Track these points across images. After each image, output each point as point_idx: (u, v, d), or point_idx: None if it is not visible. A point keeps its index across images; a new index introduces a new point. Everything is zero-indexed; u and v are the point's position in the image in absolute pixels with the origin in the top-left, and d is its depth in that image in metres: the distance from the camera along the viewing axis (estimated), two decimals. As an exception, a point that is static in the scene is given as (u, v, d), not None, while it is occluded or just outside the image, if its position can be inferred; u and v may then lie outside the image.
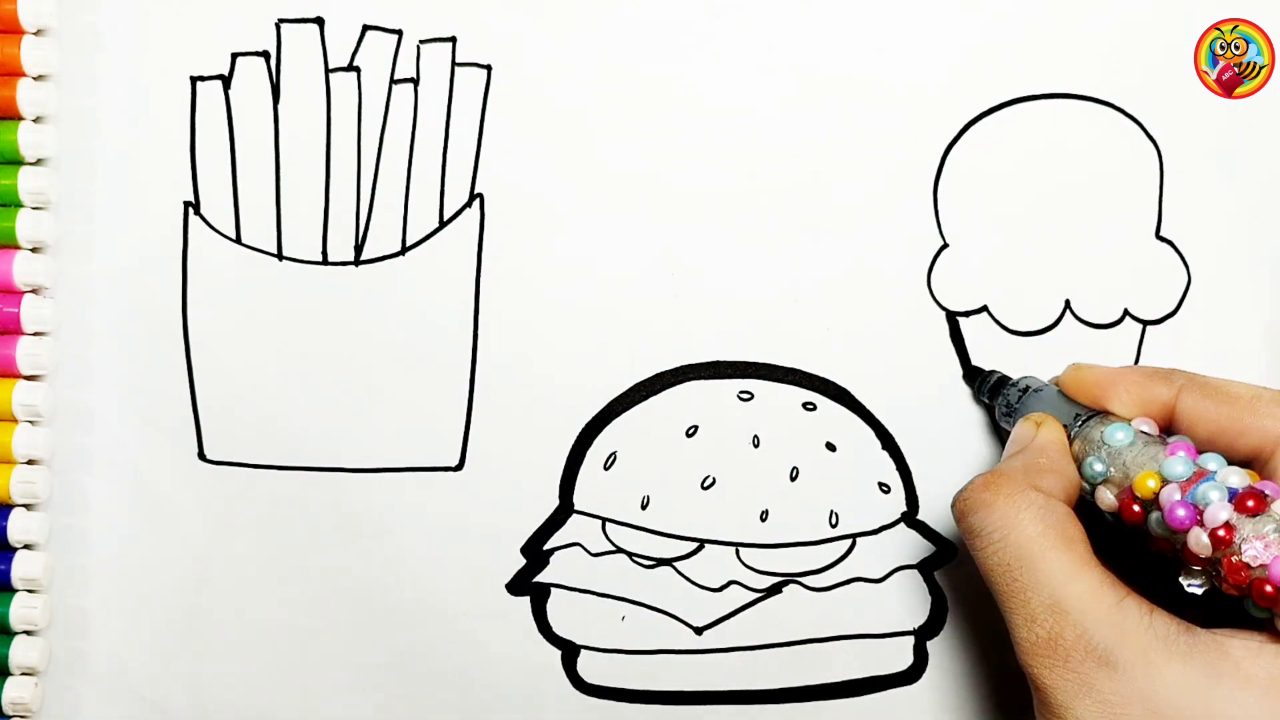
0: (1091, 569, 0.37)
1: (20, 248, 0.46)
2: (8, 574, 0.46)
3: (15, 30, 0.45)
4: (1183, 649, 0.35)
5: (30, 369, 0.46)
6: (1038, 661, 0.36)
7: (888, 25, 0.46)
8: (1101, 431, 0.39)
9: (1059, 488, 0.39)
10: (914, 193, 0.46)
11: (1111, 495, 0.38)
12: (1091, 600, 0.36)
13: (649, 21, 0.46)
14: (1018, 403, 0.43)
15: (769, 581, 0.46)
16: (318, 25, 0.46)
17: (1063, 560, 0.37)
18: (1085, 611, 0.36)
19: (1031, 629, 0.37)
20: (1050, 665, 0.36)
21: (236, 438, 0.47)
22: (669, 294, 0.46)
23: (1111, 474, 0.38)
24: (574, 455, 0.46)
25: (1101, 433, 0.39)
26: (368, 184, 0.46)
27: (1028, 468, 0.39)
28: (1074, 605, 0.36)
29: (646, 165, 0.46)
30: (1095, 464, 0.39)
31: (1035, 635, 0.36)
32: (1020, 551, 0.37)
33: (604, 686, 0.47)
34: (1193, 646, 0.35)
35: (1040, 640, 0.36)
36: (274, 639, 0.47)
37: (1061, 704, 0.36)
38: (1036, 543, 0.37)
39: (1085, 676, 0.36)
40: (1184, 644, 0.35)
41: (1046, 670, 0.36)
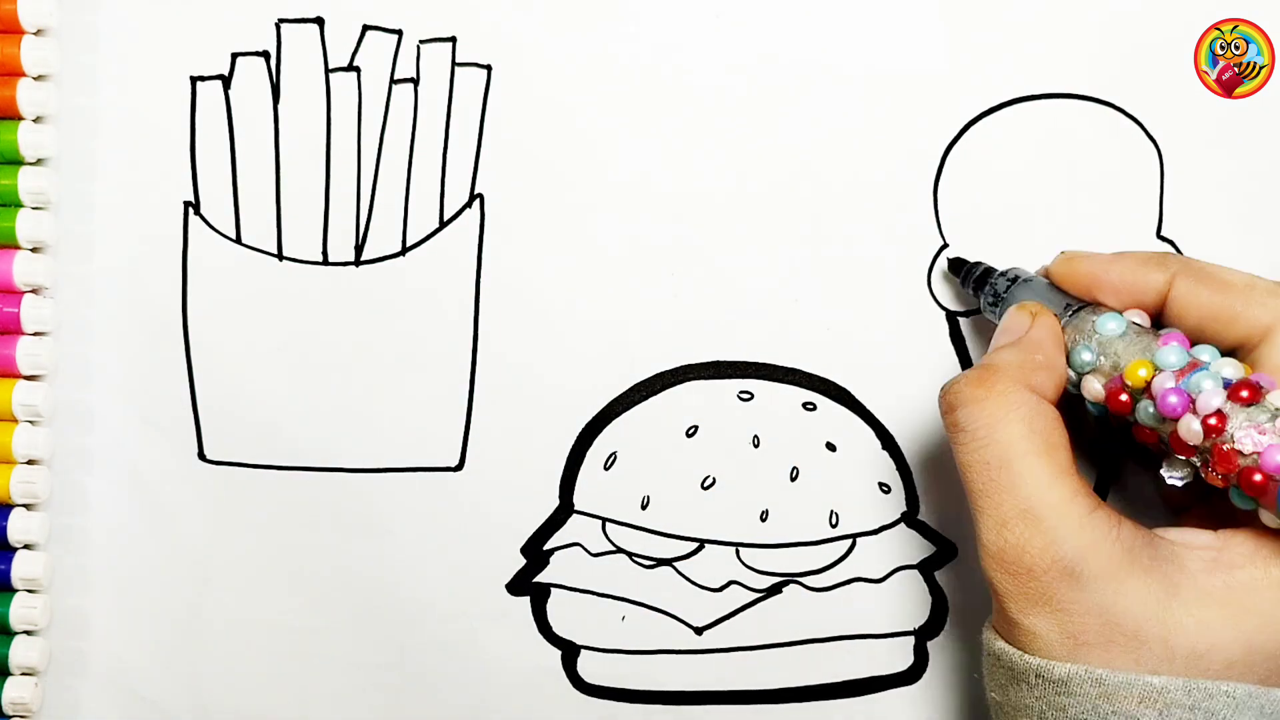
0: (1069, 477, 0.36)
1: (20, 248, 0.46)
2: (8, 574, 0.46)
3: (15, 30, 0.45)
4: (1145, 562, 0.35)
5: (30, 369, 0.46)
6: (1001, 567, 0.36)
7: (888, 25, 0.46)
8: (1093, 321, 0.39)
9: (1051, 385, 0.38)
10: (914, 193, 0.46)
11: (1099, 384, 0.38)
12: (1065, 510, 0.36)
13: (649, 21, 0.46)
14: (1005, 292, 0.42)
15: (769, 581, 0.46)
16: (318, 25, 0.46)
17: (1043, 467, 0.36)
18: (1057, 521, 0.36)
19: (1001, 533, 0.36)
20: (1014, 572, 0.36)
21: (236, 438, 0.47)
22: (669, 294, 0.46)
23: (1101, 363, 0.38)
24: (574, 455, 0.46)
25: (1093, 322, 0.39)
26: (368, 184, 0.46)
27: (1023, 364, 0.38)
28: (1047, 513, 0.36)
29: (646, 165, 0.46)
30: (1084, 353, 0.38)
31: (1004, 540, 0.36)
32: (1003, 452, 0.36)
33: (604, 686, 0.47)
34: (1154, 559, 0.36)
35: (1008, 545, 0.36)
36: (274, 639, 0.47)
37: (1020, 611, 0.36)
38: (1020, 445, 0.36)
39: (1047, 586, 0.35)
40: (1147, 557, 0.35)
41: (1008, 577, 0.36)
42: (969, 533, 0.46)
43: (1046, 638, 0.36)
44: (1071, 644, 0.35)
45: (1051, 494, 0.36)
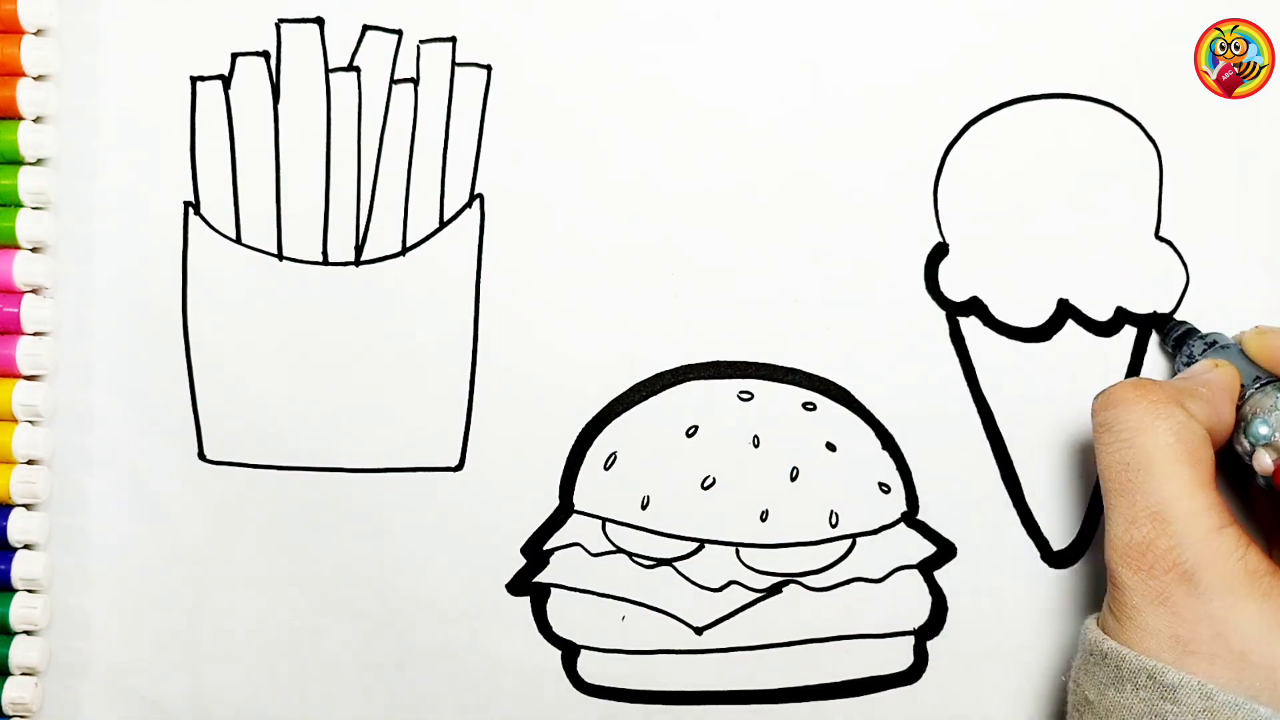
0: (1205, 491, 0.37)
1: (20, 248, 0.46)
2: (8, 574, 0.46)
3: (15, 30, 0.45)
4: (1265, 587, 0.36)
5: (30, 369, 0.46)
6: (1125, 562, 0.37)
7: (888, 26, 0.46)
8: (1277, 398, 0.39)
9: (1204, 416, 0.39)
10: (914, 193, 0.46)
11: (1270, 460, 0.39)
12: (1195, 519, 0.37)
13: (649, 21, 0.46)
14: (1200, 355, 0.43)
15: (769, 581, 0.46)
16: (318, 25, 0.46)
17: (1181, 475, 0.37)
18: (1186, 528, 0.37)
19: (1129, 530, 0.37)
20: (1136, 568, 0.37)
21: (236, 438, 0.47)
22: (669, 294, 0.46)
23: (1276, 439, 0.39)
24: (574, 455, 0.46)
25: (1277, 399, 0.39)
26: (368, 184, 0.46)
27: (1183, 389, 0.39)
28: (1177, 518, 0.37)
29: (646, 165, 0.46)
30: (1261, 426, 0.39)
31: (1131, 536, 0.37)
32: (1145, 455, 0.37)
33: (604, 686, 0.47)
34: (1275, 587, 0.36)
35: (1134, 542, 0.37)
36: (274, 639, 0.47)
37: (1136, 606, 0.37)
38: (1163, 451, 0.37)
39: (1166, 587, 0.37)
40: (1268, 583, 0.36)
41: (1131, 572, 0.37)
42: (969, 532, 0.46)
43: (1158, 637, 0.37)
44: (1179, 650, 0.36)
45: (1185, 502, 0.37)
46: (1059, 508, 0.46)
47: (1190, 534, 0.36)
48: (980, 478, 0.46)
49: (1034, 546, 0.46)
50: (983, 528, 0.46)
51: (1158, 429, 0.38)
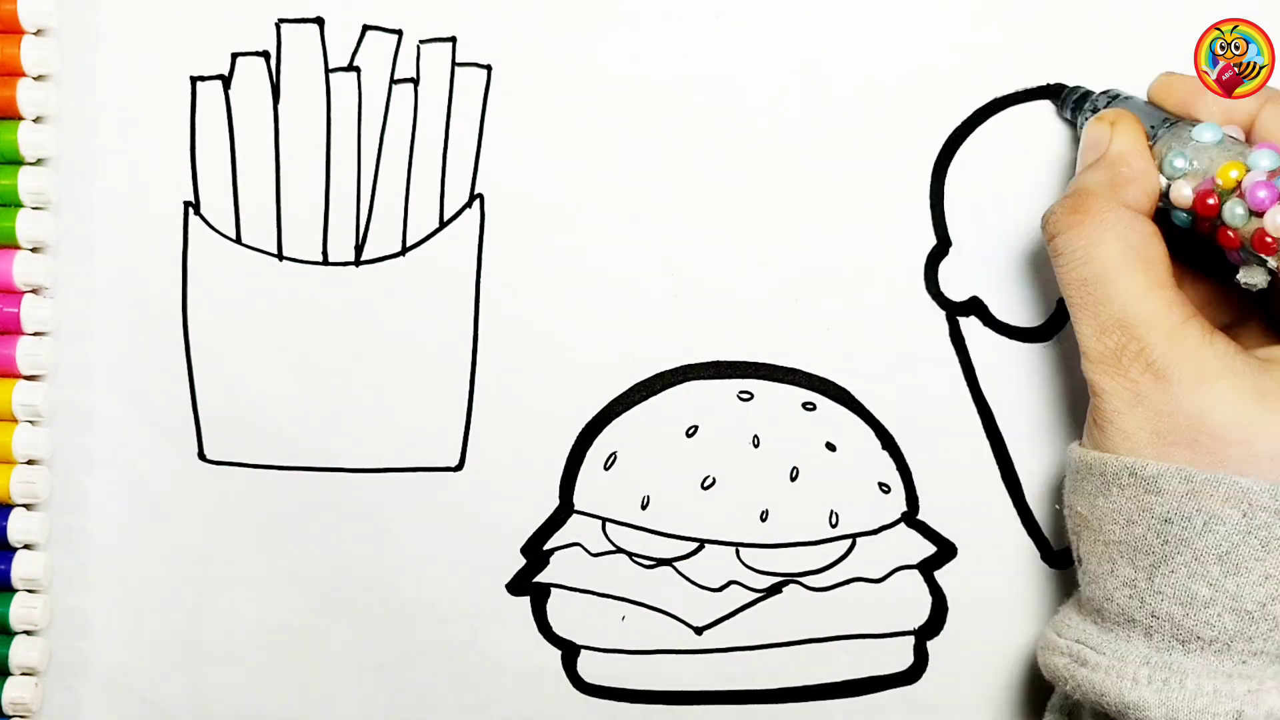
0: (1164, 289, 0.38)
1: (20, 248, 0.46)
2: (8, 574, 0.46)
3: (15, 30, 0.45)
4: (1236, 367, 0.37)
5: (30, 369, 0.46)
6: (1101, 369, 0.39)
7: (888, 26, 0.46)
8: (1190, 130, 0.40)
9: (1142, 196, 0.40)
10: (914, 193, 0.46)
11: (1189, 188, 0.39)
12: (1159, 318, 0.38)
13: (649, 22, 0.46)
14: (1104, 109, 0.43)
15: (769, 581, 0.46)
16: (318, 25, 0.46)
17: (1138, 279, 0.38)
18: (1150, 327, 0.38)
19: (1100, 339, 0.39)
20: (1111, 374, 0.38)
21: (236, 438, 0.47)
22: (669, 294, 0.46)
23: (1194, 168, 0.39)
24: (574, 455, 0.46)
25: (1190, 131, 0.40)
26: (368, 184, 0.46)
27: (1113, 181, 0.40)
28: (1139, 321, 0.38)
29: (646, 165, 0.46)
30: (1177, 159, 0.40)
31: (1102, 345, 0.39)
32: (1100, 268, 0.39)
33: (604, 686, 0.47)
34: (1245, 366, 0.37)
35: (1106, 350, 0.39)
36: (274, 639, 0.47)
37: (1115, 409, 0.38)
38: (1116, 260, 0.38)
39: (1141, 387, 0.38)
40: (1238, 364, 0.37)
41: (1108, 378, 0.38)
42: (969, 532, 0.46)
43: (1137, 437, 0.38)
44: (1160, 443, 0.38)
45: (1146, 303, 0.38)
46: (1059, 508, 0.46)
47: (1155, 332, 0.38)
48: (980, 478, 0.46)
49: (1034, 546, 0.46)
50: (983, 528, 0.46)
51: (1105, 241, 0.39)
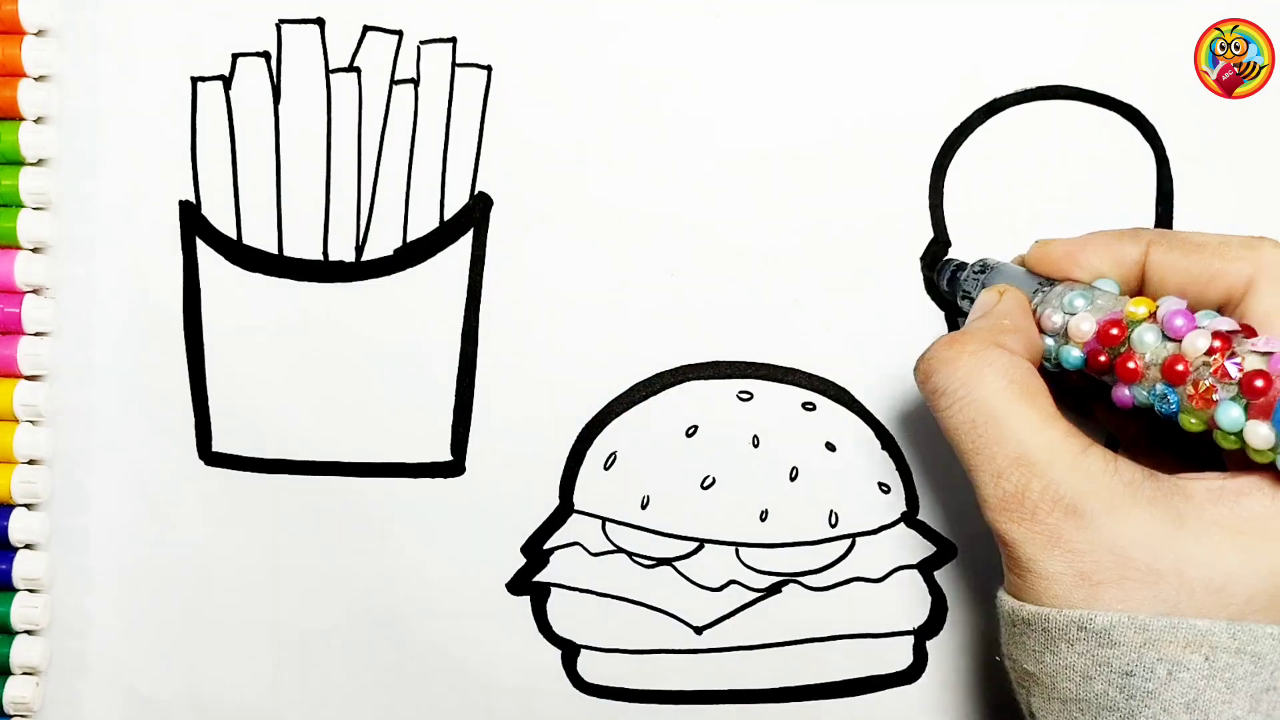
0: (1056, 420, 0.36)
1: (21, 248, 0.46)
2: (9, 574, 0.46)
3: (16, 31, 0.46)
4: (1148, 493, 0.35)
5: (31, 369, 0.46)
6: (1005, 516, 0.36)
7: (888, 27, 0.46)
8: (1065, 297, 0.39)
9: (1022, 346, 0.38)
10: (914, 193, 0.46)
11: (1091, 321, 0.38)
12: (1057, 450, 0.36)
13: (649, 22, 0.46)
14: (974, 286, 0.43)
15: (769, 581, 0.46)
16: (318, 26, 0.46)
17: (1028, 413, 0.36)
18: (1052, 462, 0.35)
19: (998, 484, 0.36)
20: (1018, 519, 0.36)
21: (237, 438, 0.47)
22: (669, 294, 0.46)
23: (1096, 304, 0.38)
24: (574, 455, 0.46)
25: (1065, 298, 0.39)
26: (368, 184, 0.46)
27: (992, 328, 0.39)
28: (1040, 456, 0.36)
29: (646, 165, 0.46)
30: (1077, 299, 0.39)
31: (1002, 490, 0.36)
32: (985, 406, 0.36)
33: (604, 686, 0.47)
34: (1157, 490, 0.35)
35: (1007, 494, 0.36)
36: (274, 639, 0.47)
37: (1030, 557, 0.36)
38: (1001, 396, 0.36)
39: (1053, 528, 0.35)
40: (1149, 489, 0.35)
41: (1014, 525, 0.36)
42: (969, 532, 0.46)
43: (1061, 580, 0.35)
44: (1086, 585, 0.35)
45: (1041, 437, 0.36)
46: (1059, 508, 0.46)
47: (1058, 465, 0.35)
48: (980, 478, 0.46)
49: (1034, 546, 0.46)
50: (983, 528, 0.46)
51: (986, 378, 0.37)
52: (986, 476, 0.36)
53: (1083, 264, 0.40)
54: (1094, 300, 0.39)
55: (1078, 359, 0.39)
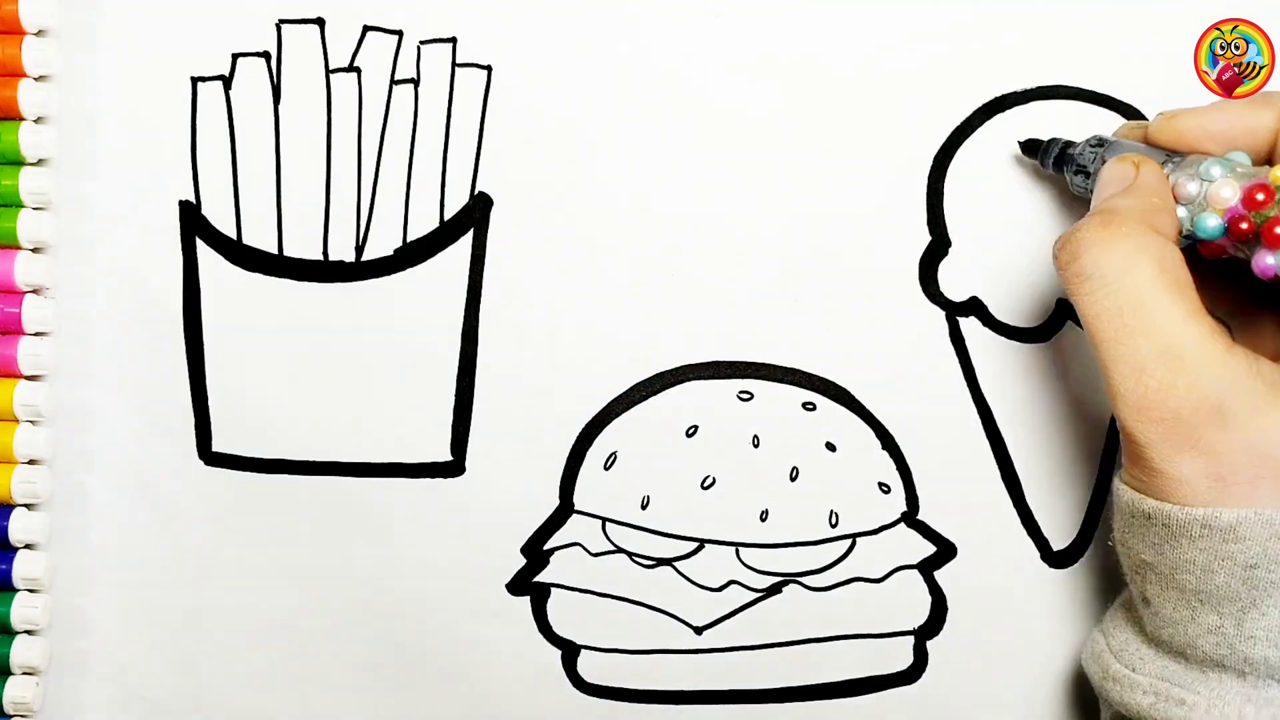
0: (1203, 315, 0.35)
1: (21, 248, 0.46)
2: (9, 574, 0.46)
3: (16, 31, 0.45)
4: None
5: (31, 369, 0.46)
6: (1143, 415, 0.35)
7: (888, 27, 0.46)
8: (1200, 165, 0.38)
9: (1171, 228, 0.37)
10: (914, 193, 0.46)
11: (1233, 188, 0.37)
12: (1205, 348, 0.35)
13: (649, 22, 0.46)
14: (1094, 162, 0.41)
15: (769, 581, 0.46)
16: (318, 26, 0.46)
17: (1179, 306, 0.35)
18: (1199, 359, 0.34)
19: (1140, 379, 0.35)
20: (1158, 418, 0.35)
21: (237, 438, 0.47)
22: (669, 294, 0.46)
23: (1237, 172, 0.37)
24: (574, 455, 0.46)
25: (1200, 166, 0.38)
26: (368, 184, 0.46)
27: (1144, 207, 0.37)
28: (1188, 352, 0.34)
29: (646, 165, 0.46)
30: (1213, 167, 0.37)
31: (1144, 386, 0.35)
32: (1136, 295, 0.35)
33: (604, 686, 0.47)
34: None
35: (1150, 391, 0.35)
36: (274, 639, 0.47)
37: (1164, 458, 0.35)
38: (1154, 287, 0.35)
39: (1194, 429, 0.34)
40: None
41: (1152, 425, 0.35)
42: (969, 532, 0.46)
43: (1193, 483, 0.35)
44: (1220, 486, 0.35)
45: (1190, 332, 0.35)
46: (1059, 508, 0.46)
47: (1205, 364, 0.34)
48: (980, 478, 0.46)
49: (1034, 546, 0.46)
50: (983, 528, 0.46)
51: (1141, 264, 0.35)
52: (1127, 370, 0.35)
53: (1213, 134, 0.38)
54: (1233, 168, 0.37)
55: (1218, 227, 0.37)
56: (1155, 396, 0.35)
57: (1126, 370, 0.35)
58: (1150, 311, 0.35)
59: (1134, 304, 0.35)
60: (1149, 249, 0.35)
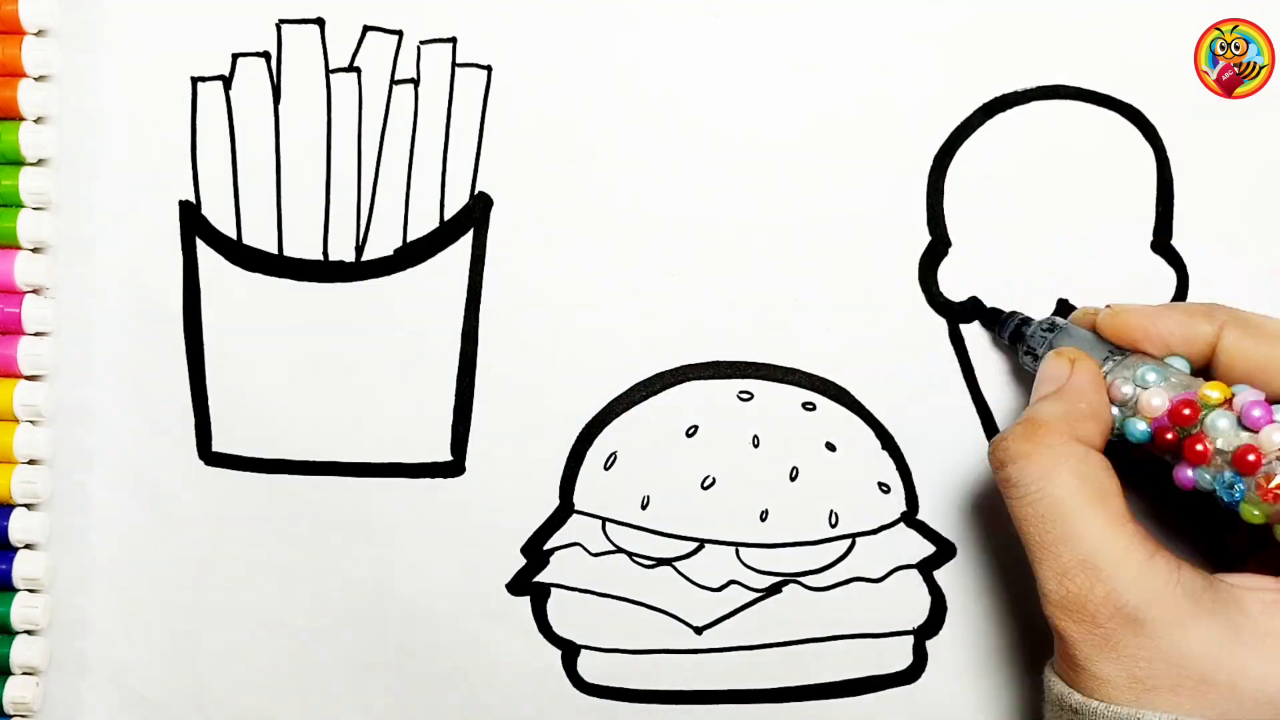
0: (1124, 525, 0.37)
1: (21, 248, 0.46)
2: (9, 574, 0.46)
3: (16, 31, 0.46)
4: (1208, 605, 0.36)
5: (31, 369, 0.46)
6: (1065, 615, 0.37)
7: (888, 27, 0.46)
8: (1138, 369, 0.39)
9: (1097, 433, 0.38)
10: (914, 193, 0.46)
11: (1162, 398, 0.38)
12: (1123, 558, 0.36)
13: (649, 22, 0.46)
14: (1040, 344, 0.43)
15: (769, 581, 0.46)
16: (318, 26, 0.46)
17: (1097, 517, 0.36)
18: (1116, 569, 0.36)
19: (1061, 583, 0.37)
20: (1078, 619, 0.36)
21: (237, 438, 0.47)
22: (669, 294, 0.46)
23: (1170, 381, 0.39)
24: (574, 455, 0.46)
25: (1138, 370, 0.39)
26: (368, 184, 0.46)
27: (1068, 415, 0.38)
28: (1105, 562, 0.36)
29: (646, 165, 0.46)
30: (1149, 373, 0.39)
31: (1065, 589, 0.37)
32: (1057, 506, 0.37)
33: (604, 686, 0.47)
34: (1215, 601, 0.36)
35: (1069, 594, 0.36)
36: (274, 639, 0.47)
37: (1086, 656, 0.36)
38: (1073, 498, 0.37)
39: (1111, 634, 0.36)
40: (1209, 600, 0.36)
41: (1073, 624, 0.36)
42: (969, 532, 0.46)
43: (1114, 683, 0.36)
44: (1139, 689, 0.36)
45: (1109, 543, 0.36)
46: (1059, 508, 0.46)
47: (1123, 575, 0.36)
48: (980, 477, 0.46)
49: (1034, 546, 0.46)
50: (982, 527, 0.46)
51: (1062, 475, 0.37)
52: (1050, 573, 0.37)
53: (1154, 338, 0.40)
54: (1167, 377, 0.39)
55: (1144, 433, 0.39)
56: (1075, 600, 0.36)
57: (1049, 573, 0.37)
58: (1070, 521, 0.37)
59: (1055, 513, 0.37)
60: (1069, 460, 0.37)
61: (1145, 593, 0.36)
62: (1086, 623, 0.36)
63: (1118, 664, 0.36)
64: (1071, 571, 0.36)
